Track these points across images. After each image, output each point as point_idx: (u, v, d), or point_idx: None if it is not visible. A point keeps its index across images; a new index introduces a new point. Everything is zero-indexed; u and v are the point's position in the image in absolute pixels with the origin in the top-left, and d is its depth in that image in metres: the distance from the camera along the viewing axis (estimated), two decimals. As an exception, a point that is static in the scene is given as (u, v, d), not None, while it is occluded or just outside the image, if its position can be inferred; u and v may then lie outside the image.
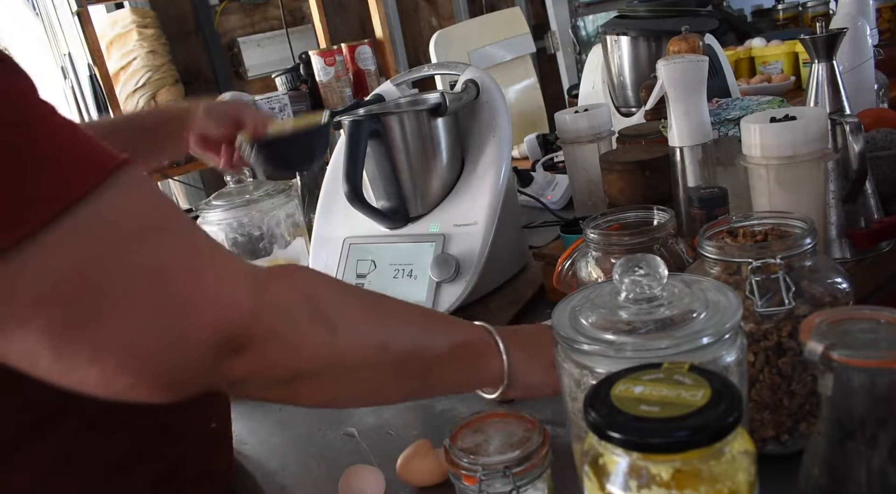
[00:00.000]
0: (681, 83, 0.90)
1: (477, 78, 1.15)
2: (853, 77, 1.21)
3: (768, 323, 0.61)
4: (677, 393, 0.42)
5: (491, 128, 1.12)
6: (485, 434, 0.60)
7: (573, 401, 0.57)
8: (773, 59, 2.03)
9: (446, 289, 1.05)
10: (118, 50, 2.60)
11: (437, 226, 1.10)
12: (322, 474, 0.82)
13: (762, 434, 0.64)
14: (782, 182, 0.78)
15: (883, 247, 0.89)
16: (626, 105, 1.64)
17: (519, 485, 0.56)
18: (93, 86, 1.66)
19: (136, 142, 1.07)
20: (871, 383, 0.46)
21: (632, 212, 0.84)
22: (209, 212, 1.36)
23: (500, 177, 1.09)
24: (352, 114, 1.10)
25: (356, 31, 3.26)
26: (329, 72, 1.90)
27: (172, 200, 1.61)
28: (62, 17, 2.26)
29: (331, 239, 1.18)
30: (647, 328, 0.53)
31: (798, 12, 2.66)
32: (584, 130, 1.21)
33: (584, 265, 0.84)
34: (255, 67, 3.00)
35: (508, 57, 2.23)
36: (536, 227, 1.43)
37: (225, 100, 1.12)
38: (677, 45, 1.18)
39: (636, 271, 0.55)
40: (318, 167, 1.01)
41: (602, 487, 0.42)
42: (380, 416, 0.91)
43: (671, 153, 0.94)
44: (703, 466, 0.40)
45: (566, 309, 0.58)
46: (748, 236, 0.67)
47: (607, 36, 1.62)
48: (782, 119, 0.78)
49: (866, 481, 0.47)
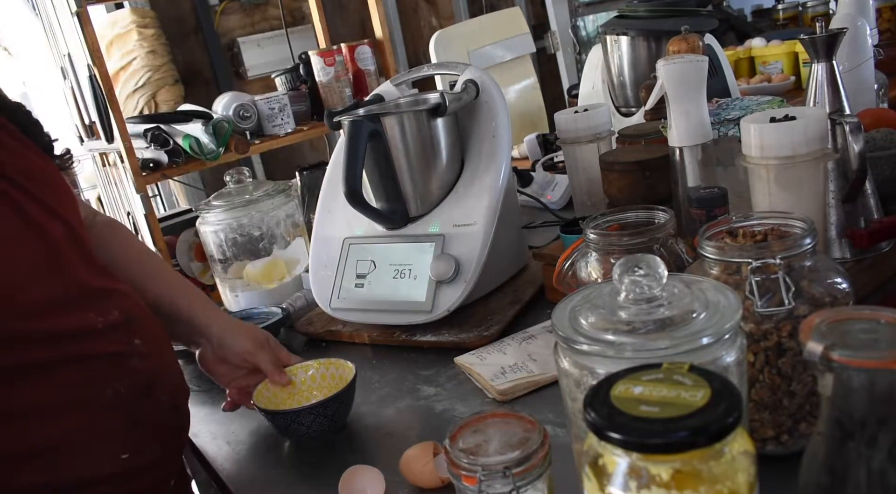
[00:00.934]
0: (681, 83, 0.90)
1: (477, 78, 1.15)
2: (853, 77, 1.21)
3: (768, 323, 0.61)
4: (677, 394, 0.41)
5: (491, 129, 1.12)
6: (485, 434, 0.60)
7: (573, 401, 0.57)
8: (773, 59, 2.03)
9: (446, 289, 1.05)
10: (118, 50, 2.60)
11: (437, 226, 1.10)
12: (322, 474, 0.82)
13: (762, 434, 0.64)
14: (782, 182, 0.78)
15: (883, 247, 0.89)
16: (626, 105, 1.64)
17: (519, 486, 0.55)
18: (92, 87, 1.65)
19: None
20: (871, 383, 0.46)
21: (632, 212, 0.84)
22: (209, 212, 1.36)
23: (499, 177, 1.09)
24: (352, 115, 1.10)
25: (356, 31, 3.26)
26: (329, 72, 1.89)
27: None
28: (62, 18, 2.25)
29: (331, 239, 1.18)
30: (646, 328, 0.53)
31: (798, 12, 2.66)
32: (583, 130, 1.21)
33: (583, 265, 0.84)
34: (254, 67, 3.00)
35: (508, 57, 2.23)
36: (536, 227, 1.43)
37: (239, 344, 0.93)
38: (677, 45, 1.18)
39: (636, 271, 0.55)
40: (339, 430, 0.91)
41: (602, 487, 0.42)
42: (380, 416, 0.91)
43: (671, 153, 0.94)
44: (702, 466, 0.40)
45: (566, 309, 0.58)
46: (748, 236, 0.67)
47: (607, 36, 1.62)
48: (782, 119, 0.78)
49: (866, 481, 0.47)
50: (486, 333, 1.02)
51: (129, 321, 0.80)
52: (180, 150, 1.66)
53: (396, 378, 1.00)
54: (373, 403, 0.95)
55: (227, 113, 1.77)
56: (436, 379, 0.97)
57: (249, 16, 3.04)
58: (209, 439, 0.95)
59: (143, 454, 0.78)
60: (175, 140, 1.66)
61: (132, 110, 2.60)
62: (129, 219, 1.85)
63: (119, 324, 0.79)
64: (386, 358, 1.06)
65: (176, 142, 1.66)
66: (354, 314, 1.12)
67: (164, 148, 1.65)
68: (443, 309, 1.05)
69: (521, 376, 0.89)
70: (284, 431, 0.88)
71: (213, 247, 1.38)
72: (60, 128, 2.64)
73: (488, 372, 0.91)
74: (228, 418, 0.99)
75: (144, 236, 1.69)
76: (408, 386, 0.97)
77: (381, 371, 1.03)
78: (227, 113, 1.77)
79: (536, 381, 0.88)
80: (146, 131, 1.66)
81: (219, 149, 1.68)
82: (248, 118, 1.79)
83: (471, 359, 0.96)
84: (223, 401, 0.96)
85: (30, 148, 0.79)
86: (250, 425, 0.96)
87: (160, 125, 1.68)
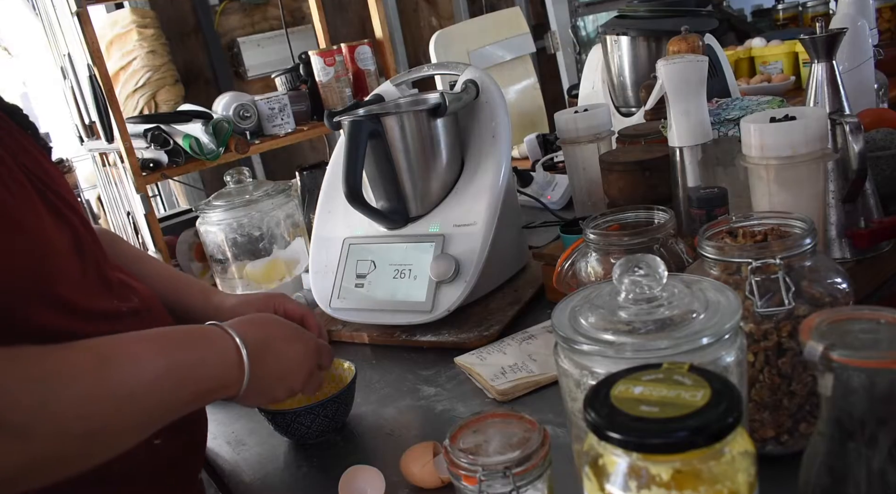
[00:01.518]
0: (681, 83, 0.90)
1: (477, 78, 1.15)
2: (853, 77, 1.21)
3: (768, 323, 0.61)
4: (677, 394, 0.41)
5: (491, 129, 1.12)
6: (485, 434, 0.60)
7: (573, 401, 0.57)
8: (772, 59, 2.03)
9: (446, 290, 1.05)
10: (118, 50, 2.60)
11: (437, 226, 1.10)
12: (322, 474, 0.82)
13: (762, 434, 0.64)
14: (782, 182, 0.78)
15: (883, 247, 0.89)
16: (626, 105, 1.64)
17: (519, 486, 0.55)
18: (92, 87, 1.65)
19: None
20: (871, 383, 0.46)
21: (632, 212, 0.84)
22: (209, 212, 1.36)
23: (499, 177, 1.09)
24: (352, 115, 1.10)
25: (356, 31, 3.26)
26: (329, 72, 1.89)
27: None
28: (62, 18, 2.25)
29: (330, 239, 1.18)
30: (646, 328, 0.53)
31: (798, 12, 2.66)
32: (583, 130, 1.21)
33: (583, 265, 0.84)
34: (254, 67, 3.00)
35: (508, 57, 2.23)
36: (536, 227, 1.43)
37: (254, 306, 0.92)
38: (677, 45, 1.18)
39: (636, 271, 0.55)
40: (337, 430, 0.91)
41: (602, 487, 0.42)
42: (380, 416, 0.91)
43: (671, 153, 0.94)
44: (702, 466, 0.40)
45: (566, 309, 0.58)
46: (748, 236, 0.67)
47: (607, 36, 1.62)
48: (782, 119, 0.78)
49: (866, 481, 0.47)
50: (486, 333, 1.02)
51: (149, 310, 0.81)
52: (180, 150, 1.66)
53: (396, 378, 1.00)
54: (373, 403, 0.95)
55: (227, 113, 1.77)
56: (436, 379, 0.97)
57: (249, 16, 3.04)
58: (209, 439, 0.95)
59: (173, 441, 0.78)
60: (175, 140, 1.66)
61: (132, 110, 2.60)
62: (129, 219, 1.85)
63: (140, 311, 0.79)
64: (386, 358, 1.06)
65: (176, 142, 1.66)
66: (354, 314, 1.12)
67: (164, 148, 1.65)
68: (443, 309, 1.05)
69: (521, 376, 0.89)
70: (284, 431, 0.88)
71: (213, 247, 1.39)
72: (60, 128, 2.65)
73: (488, 372, 0.91)
74: (229, 418, 0.99)
75: (144, 236, 1.69)
76: (408, 386, 0.97)
77: (381, 371, 1.03)
78: (227, 113, 1.77)
79: (536, 381, 0.88)
80: (146, 131, 1.66)
81: (219, 149, 1.68)
82: (248, 118, 1.79)
83: (471, 359, 0.96)
84: (222, 401, 0.96)
85: (35, 147, 0.79)
86: (250, 425, 0.96)
87: (160, 125, 1.68)
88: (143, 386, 0.62)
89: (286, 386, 0.78)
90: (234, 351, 0.71)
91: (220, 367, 0.70)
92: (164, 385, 0.64)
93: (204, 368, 0.69)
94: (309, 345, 0.81)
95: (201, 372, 0.69)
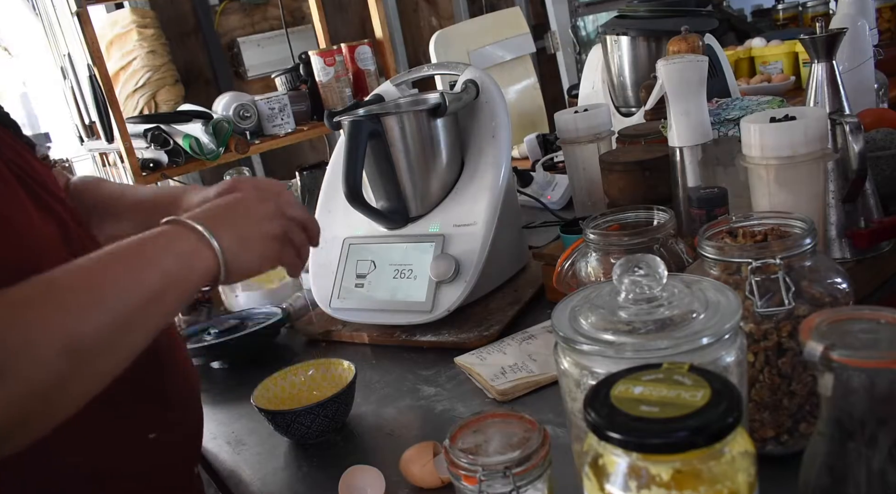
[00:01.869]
0: (681, 83, 0.90)
1: (477, 78, 1.15)
2: (853, 77, 1.21)
3: (768, 323, 0.61)
4: (677, 394, 0.41)
5: (491, 129, 1.12)
6: (485, 434, 0.60)
7: (573, 401, 0.57)
8: (772, 59, 2.03)
9: (446, 289, 1.05)
10: (118, 50, 2.60)
11: (437, 226, 1.10)
12: (322, 474, 0.82)
13: (762, 434, 0.64)
14: (782, 182, 0.78)
15: (883, 247, 0.89)
16: (626, 105, 1.64)
17: (519, 486, 0.55)
18: (92, 87, 1.66)
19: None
20: (871, 383, 0.46)
21: (632, 212, 0.84)
22: (209, 212, 1.36)
23: (499, 177, 1.09)
24: (352, 115, 1.10)
25: (356, 31, 3.26)
26: (329, 72, 1.89)
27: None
28: (62, 18, 2.25)
29: (331, 239, 1.18)
30: (646, 328, 0.53)
31: (798, 12, 2.66)
32: (583, 130, 1.21)
33: (583, 265, 0.84)
34: (254, 67, 3.00)
35: (508, 57, 2.23)
36: (536, 227, 1.43)
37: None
38: (677, 45, 1.18)
39: (636, 271, 0.55)
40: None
41: (602, 487, 0.42)
42: (380, 416, 0.91)
43: (671, 153, 0.94)
44: (702, 466, 0.40)
45: (566, 309, 0.58)
46: (748, 236, 0.67)
47: (607, 36, 1.62)
48: (782, 119, 0.78)
49: (866, 481, 0.47)
50: (486, 333, 1.02)
51: None
52: (180, 150, 1.66)
53: (396, 378, 1.00)
54: (373, 403, 0.95)
55: (227, 113, 1.77)
56: (436, 379, 0.97)
57: (249, 16, 3.04)
58: (209, 439, 0.95)
59: (168, 434, 0.78)
60: (175, 140, 1.66)
61: (132, 110, 2.60)
62: (129, 219, 1.85)
63: None
64: (386, 358, 1.06)
65: (176, 142, 1.66)
66: (354, 314, 1.12)
67: (164, 148, 1.65)
68: (443, 309, 1.05)
69: (521, 376, 0.89)
70: (284, 431, 0.88)
71: (213, 247, 1.38)
72: (60, 128, 2.65)
73: (488, 372, 0.91)
74: (229, 418, 0.99)
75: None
76: (408, 386, 0.97)
77: (381, 371, 1.03)
78: (227, 113, 1.77)
79: (536, 381, 0.88)
80: (146, 131, 1.66)
81: (219, 149, 1.68)
82: (248, 118, 1.79)
83: (471, 359, 0.96)
84: (222, 401, 0.97)
85: (17, 143, 0.79)
86: (250, 425, 0.96)
87: (160, 125, 1.68)
88: (132, 309, 0.60)
89: (264, 242, 0.73)
90: (188, 231, 0.67)
91: (184, 257, 0.66)
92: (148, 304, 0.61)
93: (168, 261, 0.65)
94: (281, 199, 0.77)
95: (166, 267, 0.64)
